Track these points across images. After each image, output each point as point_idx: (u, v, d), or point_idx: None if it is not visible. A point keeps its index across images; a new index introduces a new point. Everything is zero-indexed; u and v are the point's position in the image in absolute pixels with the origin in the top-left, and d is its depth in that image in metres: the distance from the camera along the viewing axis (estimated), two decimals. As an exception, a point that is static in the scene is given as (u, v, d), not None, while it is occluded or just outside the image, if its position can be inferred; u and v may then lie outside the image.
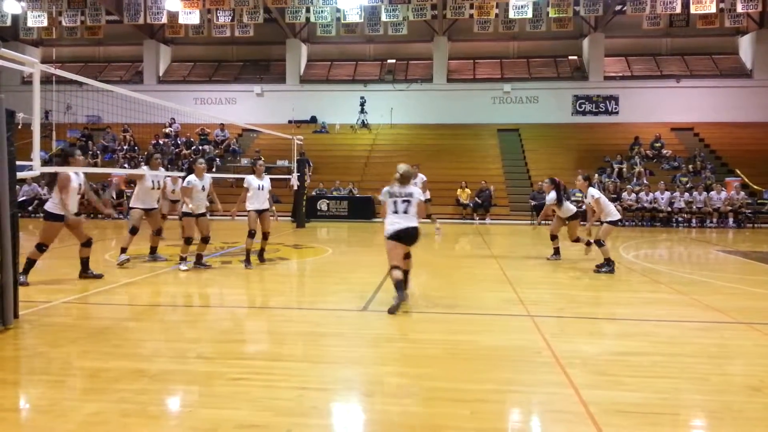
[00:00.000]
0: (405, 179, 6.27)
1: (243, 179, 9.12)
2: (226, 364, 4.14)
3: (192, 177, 8.38)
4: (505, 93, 25.56)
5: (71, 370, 4.05)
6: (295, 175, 15.91)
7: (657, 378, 3.96)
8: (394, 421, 3.24)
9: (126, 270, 8.32)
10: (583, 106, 25.31)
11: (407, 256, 6.39)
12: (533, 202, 18.98)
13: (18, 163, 5.41)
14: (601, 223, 8.93)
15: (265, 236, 9.22)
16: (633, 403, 3.48)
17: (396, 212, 6.20)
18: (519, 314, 5.83)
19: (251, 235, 8.78)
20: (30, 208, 18.77)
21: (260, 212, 8.92)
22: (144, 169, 9.30)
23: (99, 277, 7.48)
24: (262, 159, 10.11)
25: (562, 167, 21.55)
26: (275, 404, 3.40)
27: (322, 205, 19.21)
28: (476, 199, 19.40)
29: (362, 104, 25.05)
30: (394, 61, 27.33)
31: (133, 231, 8.84)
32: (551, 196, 9.72)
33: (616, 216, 8.98)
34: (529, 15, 22.28)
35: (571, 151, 22.83)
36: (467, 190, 19.69)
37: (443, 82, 26.05)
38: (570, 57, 26.79)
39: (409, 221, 6.18)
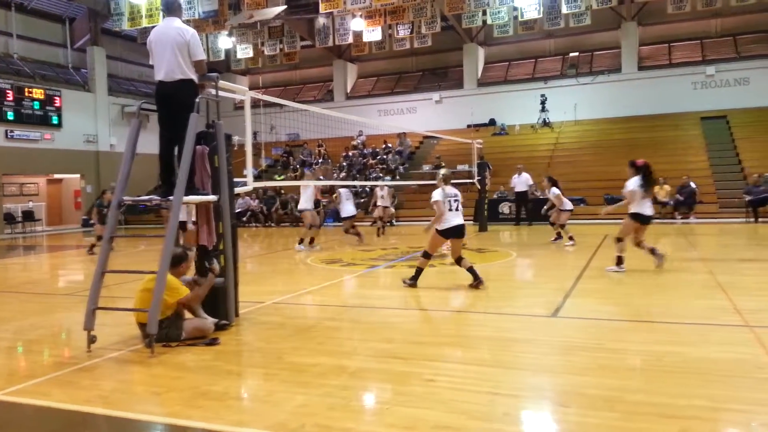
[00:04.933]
0: (450, 179, 7.41)
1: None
2: (420, 364, 4.28)
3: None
4: (708, 77, 22.88)
5: (283, 364, 4.49)
6: (476, 179, 15.93)
7: None
8: (592, 433, 3.09)
9: (325, 272, 9.00)
10: (808, 83, 21.67)
11: (460, 258, 7.39)
12: (748, 197, 16.72)
13: (234, 180, 6.17)
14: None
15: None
16: None
17: (451, 210, 7.14)
18: (734, 324, 5.19)
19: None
20: (244, 219, 21.26)
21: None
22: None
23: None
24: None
25: (783, 155, 18.72)
26: (468, 408, 3.43)
27: (504, 208, 18.93)
28: (677, 196, 17.63)
29: (543, 102, 24.22)
30: (576, 54, 26.00)
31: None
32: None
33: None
34: (735, -14, 19.71)
35: (793, 137, 19.69)
36: (666, 187, 17.96)
37: (633, 70, 24.12)
38: (788, 29, 23.15)
39: (461, 218, 7.24)
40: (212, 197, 5.56)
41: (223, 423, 3.33)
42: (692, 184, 17.67)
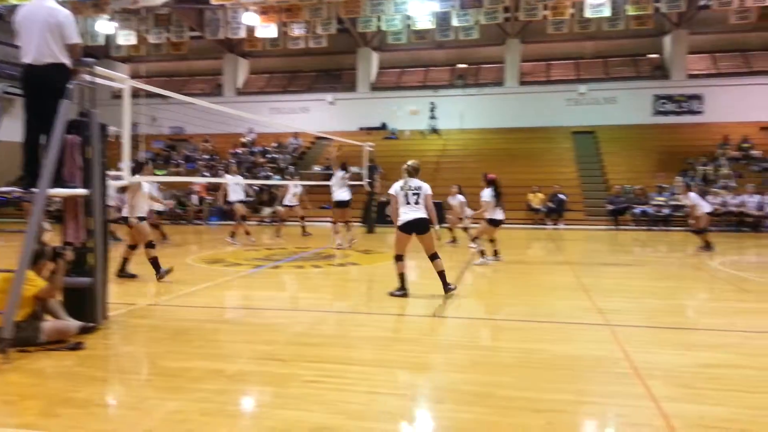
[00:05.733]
0: (415, 172, 6.89)
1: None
2: (300, 366, 4.23)
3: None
4: (580, 94, 24.80)
5: (155, 369, 4.26)
6: (366, 181, 16.11)
7: (747, 393, 3.72)
8: (465, 428, 3.21)
9: (206, 273, 8.68)
10: (665, 105, 24.13)
11: (435, 256, 6.83)
12: (610, 207, 18.31)
13: (108, 173, 5.77)
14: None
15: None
16: (719, 418, 3.29)
17: (408, 204, 6.75)
18: (595, 323, 5.63)
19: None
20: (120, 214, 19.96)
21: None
22: (228, 178, 10.49)
23: (134, 276, 7.95)
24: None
25: (641, 170, 20.69)
26: (347, 408, 3.45)
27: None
28: (549, 203, 18.91)
29: (432, 110, 25.02)
30: (464, 65, 27.14)
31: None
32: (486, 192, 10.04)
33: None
34: (607, 14, 21.46)
35: (651, 153, 21.82)
36: (539, 195, 19.23)
37: (515, 85, 25.61)
38: (650, 55, 25.66)
39: (419, 212, 6.72)
40: (82, 191, 5.17)
41: (85, 433, 3.10)
42: (561, 196, 18.98)
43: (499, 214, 9.58)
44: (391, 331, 5.40)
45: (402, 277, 6.84)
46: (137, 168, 8.34)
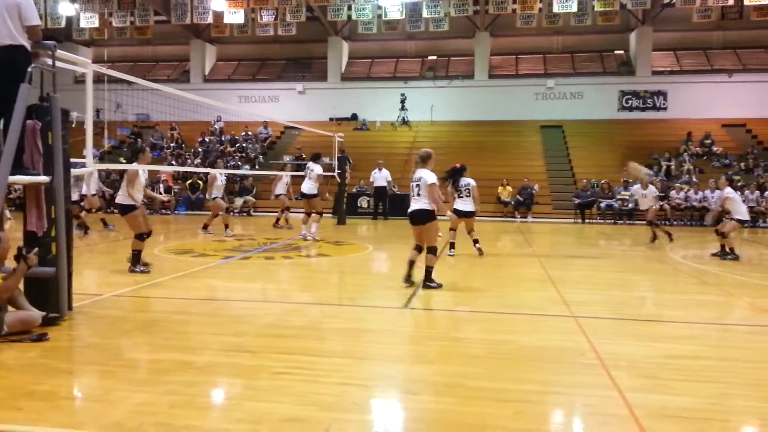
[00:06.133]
0: (422, 161, 6.92)
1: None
2: (270, 358, 4.21)
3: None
4: (548, 89, 25.11)
5: (122, 360, 4.18)
6: (336, 172, 16.04)
7: (706, 382, 3.84)
8: (435, 419, 3.25)
9: (175, 263, 8.54)
10: (630, 101, 24.64)
11: (420, 249, 6.87)
12: (577, 201, 18.64)
13: (71, 160, 5.62)
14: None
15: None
16: (681, 408, 3.39)
17: (411, 195, 6.84)
18: (562, 315, 5.74)
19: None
20: (82, 204, 19.43)
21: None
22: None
23: (146, 272, 7.70)
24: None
25: (607, 164, 21.09)
26: (318, 399, 3.44)
27: (362, 202, 19.29)
28: (518, 196, 19.16)
29: (403, 101, 25.02)
30: (435, 57, 27.19)
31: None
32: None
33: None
34: (574, 9, 21.79)
35: (616, 148, 22.27)
36: (509, 188, 19.46)
37: (485, 78, 25.78)
38: (616, 51, 26.13)
39: (418, 203, 6.74)
40: (43, 178, 5.02)
41: (50, 425, 3.03)
42: (534, 188, 19.23)
43: (459, 204, 9.53)
44: (362, 323, 5.41)
45: (411, 265, 6.89)
46: (134, 156, 8.10)
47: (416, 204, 6.78)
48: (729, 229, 9.82)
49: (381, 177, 18.45)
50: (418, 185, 6.79)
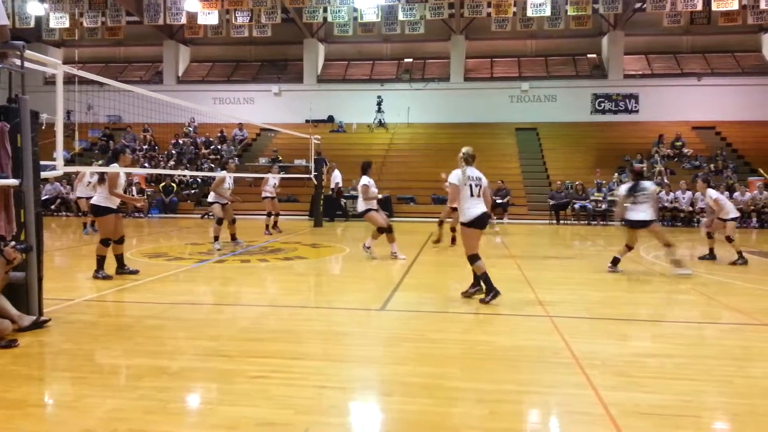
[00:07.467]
0: (473, 160, 6.28)
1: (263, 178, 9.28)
2: (246, 362, 4.17)
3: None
4: (522, 92, 25.39)
5: (94, 366, 4.10)
6: (313, 174, 15.98)
7: (679, 380, 3.91)
8: (412, 420, 3.25)
9: (148, 267, 8.41)
10: (603, 104, 25.06)
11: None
12: (552, 202, 18.85)
13: (41, 162, 5.50)
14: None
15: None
16: (654, 405, 3.44)
17: (472, 196, 6.16)
18: (537, 315, 5.80)
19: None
20: (53, 207, 19.06)
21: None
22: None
23: (135, 272, 7.64)
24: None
25: (580, 166, 21.40)
26: (295, 402, 3.42)
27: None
28: (494, 197, 19.28)
29: (379, 104, 25.05)
30: (411, 60, 27.28)
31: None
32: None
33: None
34: (548, 13, 22.08)
35: (590, 150, 22.63)
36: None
37: (460, 81, 25.95)
38: (589, 55, 26.55)
39: (482, 205, 6.22)
40: (12, 181, 4.90)
41: (18, 435, 2.95)
42: (507, 189, 19.40)
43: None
44: (339, 325, 5.39)
45: (486, 277, 6.21)
46: (114, 157, 7.90)
47: (481, 206, 6.20)
48: (732, 231, 9.91)
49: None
50: (479, 185, 6.20)
